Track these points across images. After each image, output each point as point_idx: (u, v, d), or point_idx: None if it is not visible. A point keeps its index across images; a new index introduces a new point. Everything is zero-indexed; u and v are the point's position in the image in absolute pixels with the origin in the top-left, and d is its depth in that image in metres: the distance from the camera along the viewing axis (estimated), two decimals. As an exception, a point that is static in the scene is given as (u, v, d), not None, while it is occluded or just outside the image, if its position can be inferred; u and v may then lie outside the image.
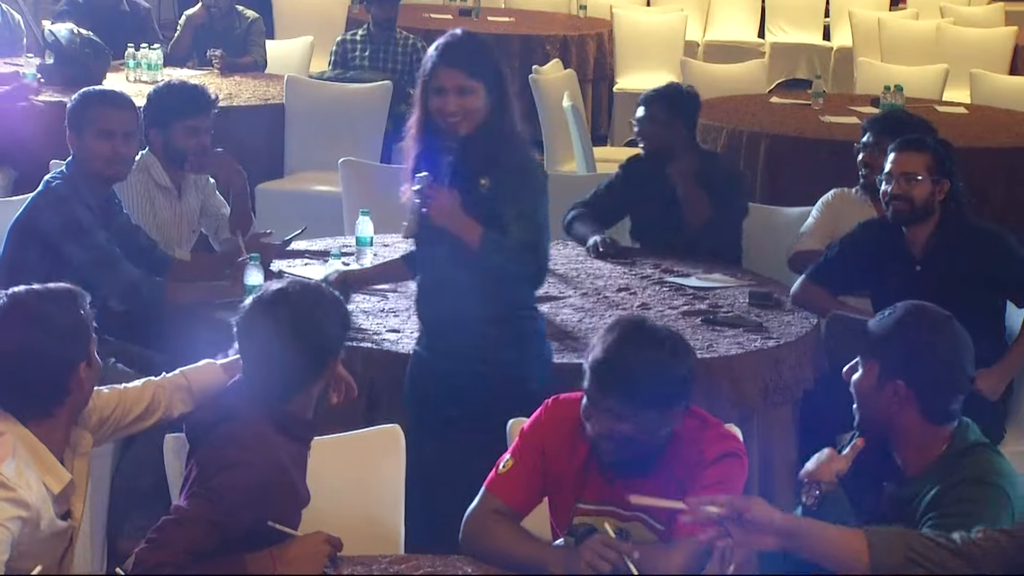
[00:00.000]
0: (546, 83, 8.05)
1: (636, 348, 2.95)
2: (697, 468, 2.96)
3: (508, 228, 3.66)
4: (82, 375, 2.94)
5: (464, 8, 11.33)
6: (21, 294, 2.94)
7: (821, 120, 7.56)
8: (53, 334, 2.89)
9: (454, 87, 3.71)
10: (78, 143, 4.38)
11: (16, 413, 2.89)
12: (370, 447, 3.40)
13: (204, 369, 3.24)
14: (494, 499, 3.06)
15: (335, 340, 3.05)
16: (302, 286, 3.07)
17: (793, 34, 12.36)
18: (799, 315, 4.57)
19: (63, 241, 4.25)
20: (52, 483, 2.87)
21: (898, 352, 2.96)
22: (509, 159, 3.72)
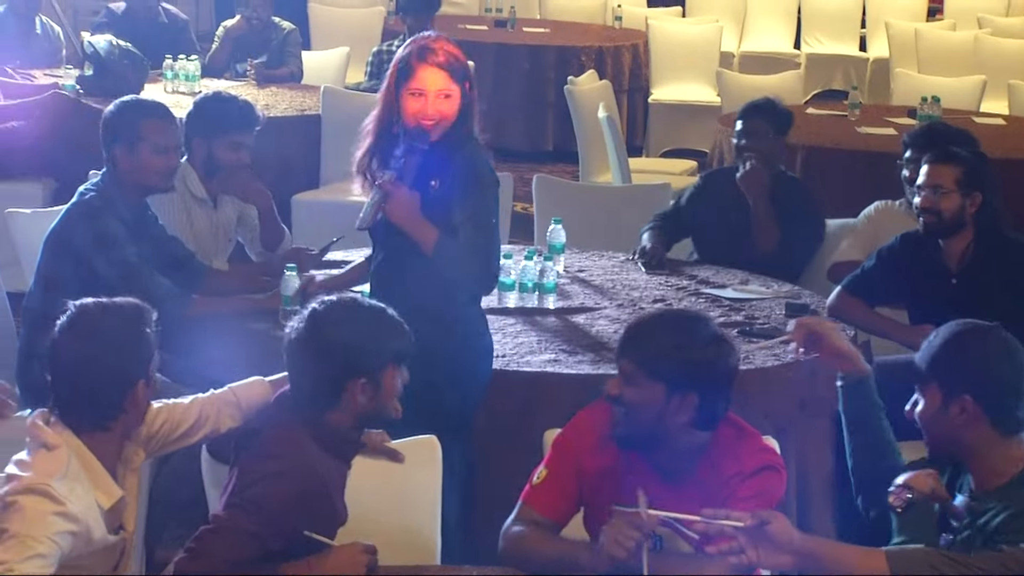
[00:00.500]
0: (581, 94, 8.05)
1: (668, 320, 3.02)
2: (735, 480, 2.95)
3: (458, 231, 3.69)
4: (139, 393, 2.93)
5: (500, 19, 11.36)
6: (88, 306, 2.94)
7: (857, 131, 7.54)
8: (115, 349, 2.89)
9: (435, 91, 3.71)
10: (128, 156, 4.35)
11: (72, 425, 2.90)
12: (407, 457, 3.40)
13: (252, 385, 3.23)
14: (531, 511, 3.06)
15: (360, 356, 2.98)
16: (349, 301, 3.06)
17: (829, 45, 12.33)
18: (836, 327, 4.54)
19: (93, 254, 4.26)
20: (103, 499, 2.87)
21: (958, 368, 2.92)
22: (462, 162, 3.74)
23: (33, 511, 2.73)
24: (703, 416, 2.96)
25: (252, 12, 8.44)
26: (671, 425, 2.94)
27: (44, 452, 2.84)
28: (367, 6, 11.43)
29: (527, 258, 4.63)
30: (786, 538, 2.63)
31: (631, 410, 2.96)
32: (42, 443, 2.86)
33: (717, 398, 2.97)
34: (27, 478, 2.78)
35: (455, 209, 3.70)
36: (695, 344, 2.94)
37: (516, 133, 10.34)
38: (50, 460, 2.82)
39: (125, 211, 4.37)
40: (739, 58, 11.99)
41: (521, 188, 8.18)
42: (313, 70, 8.66)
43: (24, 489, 2.76)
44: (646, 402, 2.93)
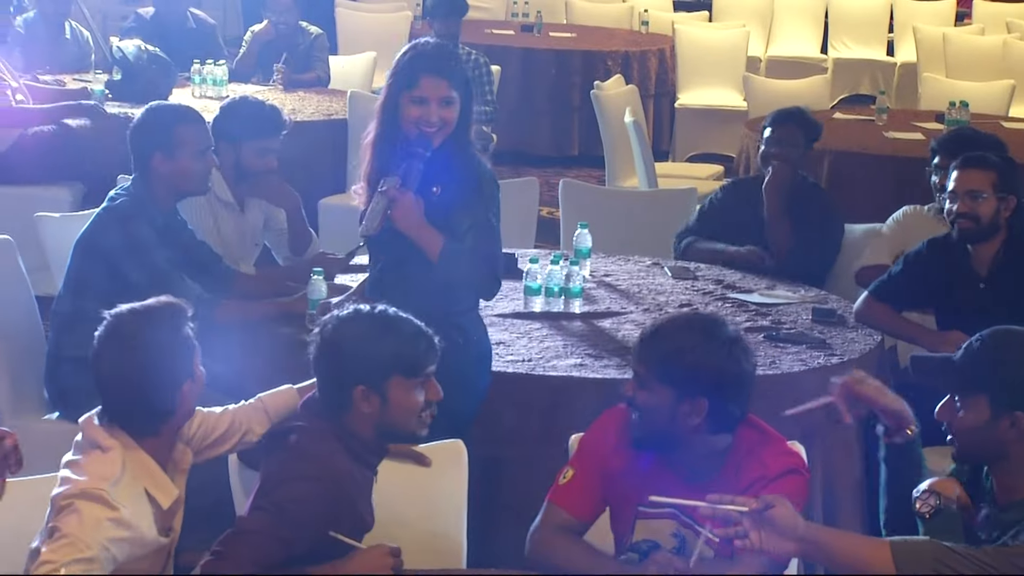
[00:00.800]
0: (608, 99, 8.05)
1: (681, 324, 3.01)
2: (758, 483, 2.95)
3: (463, 238, 3.69)
4: (187, 392, 2.95)
5: (526, 24, 11.36)
6: (124, 316, 2.94)
7: (885, 136, 7.52)
8: (158, 355, 2.90)
9: (437, 97, 3.72)
10: (168, 162, 4.35)
11: (128, 430, 2.91)
12: (434, 461, 3.41)
13: (281, 394, 3.23)
14: (557, 510, 3.07)
15: (356, 363, 2.98)
16: (371, 309, 3.06)
17: (856, 50, 12.29)
18: (863, 332, 4.54)
19: (124, 259, 4.28)
20: (162, 498, 2.89)
21: (1012, 381, 2.86)
22: (463, 167, 3.73)
23: (88, 516, 2.74)
24: (715, 421, 2.96)
25: (279, 17, 8.46)
26: (683, 428, 2.95)
27: (98, 454, 2.86)
28: (394, 11, 11.45)
29: (553, 262, 4.63)
30: (790, 524, 2.62)
31: (644, 413, 2.98)
32: (96, 444, 2.87)
33: (728, 403, 2.96)
34: (82, 482, 2.79)
35: (459, 215, 3.70)
36: (705, 349, 2.94)
37: (542, 138, 10.35)
38: (104, 463, 2.84)
39: (157, 216, 4.39)
40: (766, 63, 11.96)
41: (547, 193, 8.18)
42: (340, 75, 8.69)
43: (80, 493, 2.77)
44: (657, 405, 2.95)
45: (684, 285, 4.96)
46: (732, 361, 2.95)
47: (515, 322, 4.44)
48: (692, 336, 2.96)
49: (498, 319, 4.45)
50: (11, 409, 4.39)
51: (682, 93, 10.51)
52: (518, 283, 4.69)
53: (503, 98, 9.14)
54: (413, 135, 3.72)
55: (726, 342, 2.96)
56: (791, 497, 2.96)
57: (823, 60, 12.08)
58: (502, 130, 9.04)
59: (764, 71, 11.51)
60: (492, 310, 4.53)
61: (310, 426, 3.00)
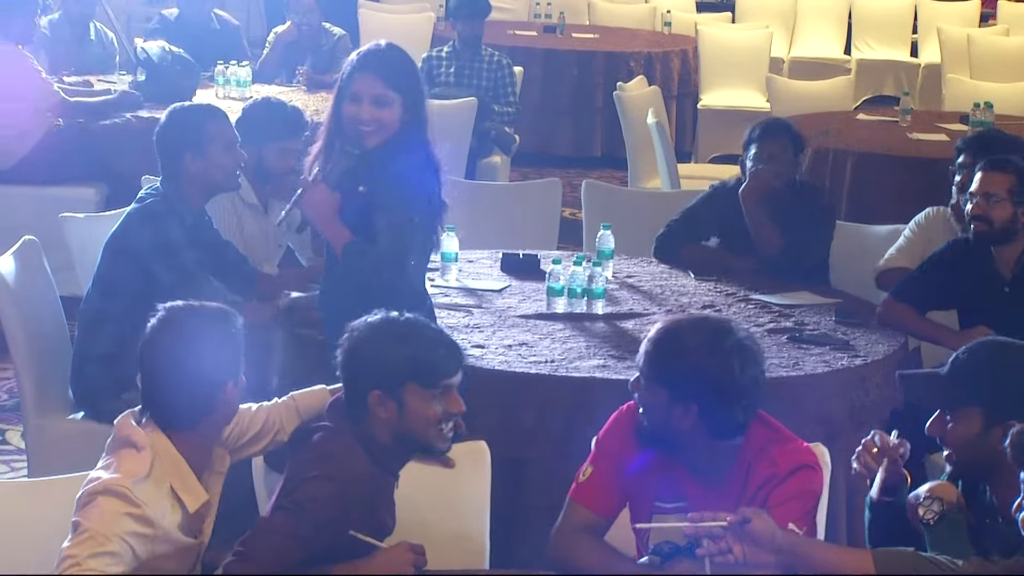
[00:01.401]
0: (630, 100, 8.05)
1: (684, 327, 3.01)
2: (771, 482, 2.96)
3: (378, 237, 3.68)
4: (229, 393, 2.97)
5: (549, 25, 11.36)
6: (177, 310, 2.99)
7: (909, 137, 7.49)
8: (205, 352, 2.93)
9: (370, 96, 3.70)
10: (199, 160, 4.37)
11: (163, 424, 2.93)
12: (456, 461, 3.41)
13: (314, 393, 3.24)
14: (578, 508, 3.09)
15: (370, 367, 2.98)
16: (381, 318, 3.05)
17: (880, 50, 12.26)
18: (886, 333, 4.53)
19: (153, 259, 4.30)
20: (189, 501, 2.91)
21: (1005, 393, 2.87)
22: (393, 172, 3.69)
23: (107, 510, 2.77)
24: (709, 425, 2.95)
25: (302, 18, 8.48)
26: (678, 430, 2.96)
27: (130, 452, 2.88)
28: (417, 12, 11.47)
29: (576, 264, 4.64)
30: (767, 536, 2.64)
31: (643, 409, 3.01)
32: (130, 442, 2.89)
33: (721, 411, 2.95)
34: (108, 479, 2.82)
35: (377, 214, 3.68)
36: (699, 355, 2.94)
37: (565, 139, 10.36)
38: (135, 461, 2.86)
39: (186, 216, 4.41)
40: (789, 63, 11.94)
41: (570, 194, 8.18)
42: (363, 76, 8.68)
43: (103, 489, 2.79)
44: (653, 405, 2.98)
45: (707, 286, 4.95)
46: (725, 370, 2.93)
47: (538, 323, 4.44)
48: (691, 341, 2.96)
49: (521, 320, 4.46)
50: (36, 409, 4.42)
51: (705, 94, 10.50)
52: (541, 284, 4.70)
53: (526, 99, 9.15)
54: (348, 133, 3.71)
55: (725, 350, 2.95)
56: (805, 492, 2.97)
57: (846, 61, 12.06)
58: (525, 131, 9.05)
59: (787, 72, 11.49)
60: (515, 311, 4.53)
61: (334, 427, 3.00)
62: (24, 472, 4.86)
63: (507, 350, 4.17)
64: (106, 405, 4.25)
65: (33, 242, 4.63)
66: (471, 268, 4.99)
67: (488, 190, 6.57)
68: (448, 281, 4.79)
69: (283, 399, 3.23)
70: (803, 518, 2.95)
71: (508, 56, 8.60)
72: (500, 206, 6.10)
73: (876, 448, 3.01)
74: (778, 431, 3.06)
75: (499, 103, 8.34)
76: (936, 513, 2.87)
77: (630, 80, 8.84)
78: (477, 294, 4.72)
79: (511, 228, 5.84)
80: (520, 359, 4.10)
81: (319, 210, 3.70)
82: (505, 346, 4.21)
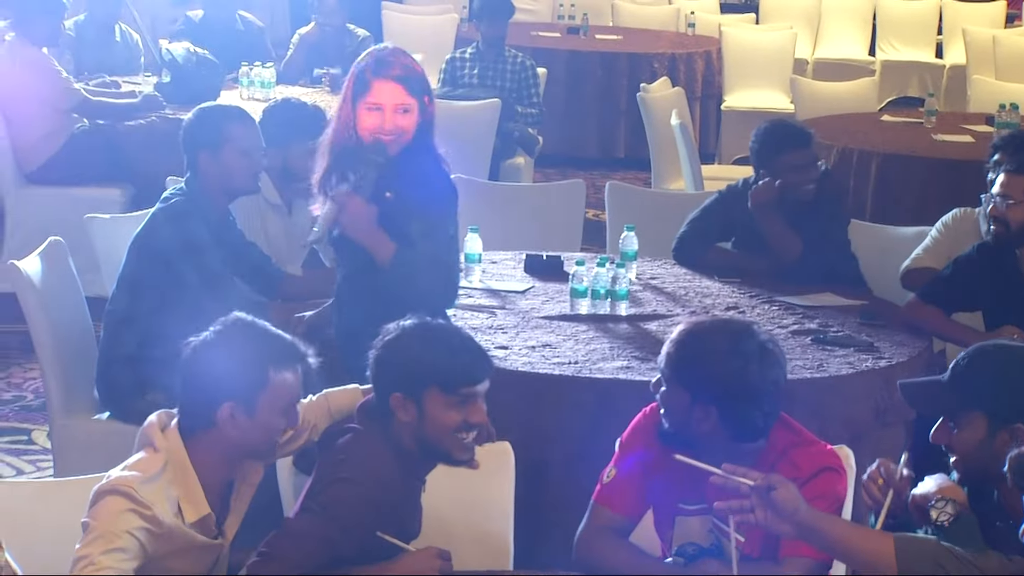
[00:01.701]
0: (654, 101, 8.04)
1: (707, 329, 3.02)
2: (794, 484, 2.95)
3: (416, 244, 3.64)
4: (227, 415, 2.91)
5: (572, 26, 11.36)
6: (239, 318, 2.98)
7: (933, 139, 7.47)
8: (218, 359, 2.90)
9: (392, 104, 3.67)
10: (213, 160, 4.38)
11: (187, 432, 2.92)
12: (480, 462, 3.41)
13: (346, 392, 3.23)
14: (603, 510, 3.09)
15: (394, 370, 2.98)
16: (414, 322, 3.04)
17: (905, 52, 12.22)
18: (911, 335, 4.51)
19: (179, 259, 4.31)
20: (189, 512, 2.90)
21: (1009, 397, 2.86)
22: (419, 175, 3.68)
23: (113, 508, 2.78)
24: (729, 427, 2.96)
25: (326, 19, 8.49)
26: (699, 432, 2.96)
27: (150, 452, 2.90)
28: (440, 13, 11.48)
29: (599, 265, 4.63)
30: (791, 507, 2.62)
31: (664, 409, 3.02)
32: (150, 443, 2.91)
33: (741, 412, 2.95)
34: (116, 477, 2.83)
35: (413, 222, 3.65)
36: (719, 359, 2.95)
37: (588, 140, 10.36)
38: (147, 462, 2.87)
39: (211, 215, 4.42)
40: (813, 65, 11.91)
41: (593, 195, 8.18)
42: (387, 77, 8.69)
43: (110, 488, 2.81)
44: (674, 407, 2.99)
45: (731, 288, 4.94)
46: (745, 373, 2.94)
47: (561, 324, 4.44)
48: (713, 344, 2.97)
49: (544, 321, 4.46)
50: (62, 409, 4.44)
51: (728, 95, 10.49)
52: (564, 285, 4.70)
53: (549, 101, 9.15)
54: (369, 142, 3.67)
55: (746, 353, 2.96)
56: (829, 495, 2.96)
57: (871, 62, 12.02)
58: (548, 133, 9.04)
59: (811, 73, 11.46)
60: (539, 312, 4.53)
61: (363, 430, 3.00)
62: (50, 472, 4.88)
63: (530, 351, 4.18)
64: (131, 405, 4.27)
65: (59, 243, 4.65)
66: (494, 269, 4.99)
67: (512, 191, 6.58)
68: (471, 282, 4.79)
69: (316, 397, 3.21)
70: None
71: (532, 57, 8.60)
72: (524, 207, 6.10)
73: (882, 480, 2.98)
74: (800, 434, 3.05)
75: (523, 104, 8.34)
76: (950, 515, 2.84)
77: (654, 81, 8.84)
78: (500, 295, 4.72)
79: (535, 229, 5.85)
80: (544, 360, 4.10)
81: (359, 224, 3.64)
82: (528, 347, 4.21)
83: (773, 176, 5.07)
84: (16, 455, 5.33)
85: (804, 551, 2.92)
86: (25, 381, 6.00)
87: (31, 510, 3.09)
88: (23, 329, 4.64)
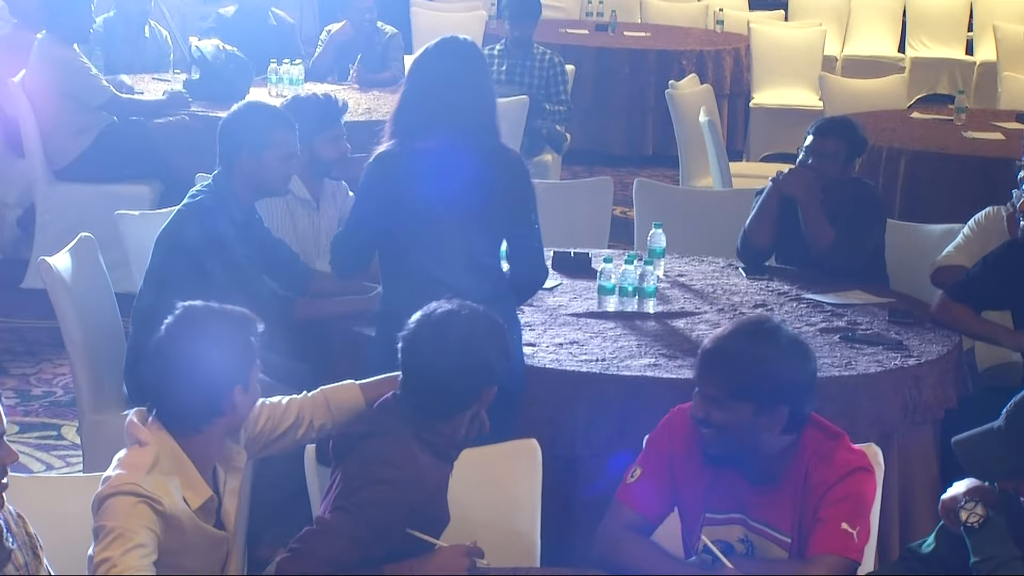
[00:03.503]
0: (682, 98, 8.03)
1: (744, 338, 2.98)
2: (824, 483, 2.96)
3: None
4: (236, 398, 2.97)
5: (601, 23, 11.35)
6: (196, 308, 3.00)
7: (964, 136, 7.43)
8: (215, 352, 2.94)
9: None
10: (253, 161, 4.37)
11: (168, 424, 2.95)
12: (508, 460, 3.42)
13: (344, 388, 3.26)
14: (625, 509, 3.08)
15: (495, 368, 3.05)
16: (470, 310, 3.07)
17: (935, 48, 12.16)
18: (940, 333, 4.49)
19: (205, 255, 4.32)
20: (192, 498, 2.92)
21: None
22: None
23: (123, 506, 2.79)
24: (792, 423, 2.98)
25: (356, 16, 8.49)
26: (763, 439, 2.95)
27: (136, 449, 2.91)
28: (468, 11, 11.49)
29: (627, 262, 4.63)
30: None
31: (721, 430, 2.97)
32: (136, 440, 2.93)
33: (805, 403, 2.98)
34: (117, 477, 2.84)
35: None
36: (775, 358, 2.94)
37: (617, 137, 10.35)
38: (140, 456, 2.89)
39: (237, 212, 4.42)
40: (842, 62, 11.87)
41: (621, 192, 8.18)
42: (415, 74, 8.70)
43: (114, 491, 2.82)
44: (737, 423, 2.94)
45: (759, 285, 4.93)
46: (802, 363, 2.97)
47: (589, 321, 4.44)
48: (758, 348, 2.95)
49: (572, 318, 4.46)
50: (92, 404, 4.46)
51: (757, 92, 10.46)
52: (592, 282, 4.69)
53: (577, 98, 9.14)
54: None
55: (790, 346, 2.97)
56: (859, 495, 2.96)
57: (900, 59, 11.97)
58: (576, 130, 9.04)
59: (840, 70, 11.42)
60: (566, 309, 4.53)
61: (393, 428, 3.00)
62: (79, 467, 4.91)
63: (558, 348, 4.18)
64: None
65: (89, 239, 4.67)
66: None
67: (540, 188, 6.51)
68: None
69: (313, 393, 3.25)
70: (855, 519, 2.94)
71: (560, 55, 8.60)
72: (552, 204, 6.06)
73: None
74: (828, 429, 3.05)
75: (551, 101, 8.34)
76: (980, 516, 2.81)
77: (682, 78, 8.82)
78: (528, 292, 4.71)
79: (563, 226, 5.83)
80: (571, 357, 4.10)
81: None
82: (556, 344, 4.21)
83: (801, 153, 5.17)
84: (46, 450, 5.36)
85: (833, 547, 2.91)
86: (55, 377, 6.04)
87: (60, 506, 3.11)
88: (53, 325, 4.67)
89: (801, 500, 2.97)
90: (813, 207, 5.04)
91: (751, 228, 5.16)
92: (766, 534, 3.01)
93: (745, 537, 3.03)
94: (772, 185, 5.17)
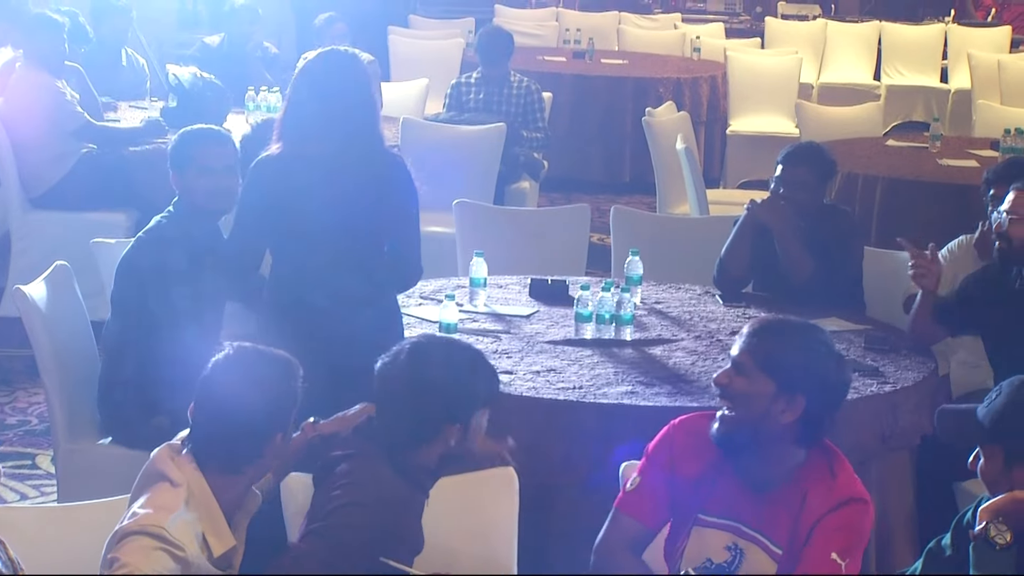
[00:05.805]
0: (659, 125, 8.05)
1: (794, 323, 3.07)
2: (822, 507, 2.97)
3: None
4: (278, 443, 2.97)
5: (578, 51, 11.39)
6: (244, 351, 3.00)
7: (939, 163, 7.47)
8: (265, 396, 2.94)
9: None
10: (180, 181, 4.39)
11: (203, 463, 2.93)
12: (485, 487, 3.41)
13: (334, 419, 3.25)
14: (623, 518, 3.10)
15: (469, 398, 3.07)
16: (446, 341, 3.12)
17: (910, 76, 12.25)
18: (916, 360, 4.50)
19: (158, 285, 4.29)
20: (216, 545, 2.90)
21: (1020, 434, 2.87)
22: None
23: (144, 547, 2.77)
24: (806, 424, 2.99)
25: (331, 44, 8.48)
26: (771, 427, 2.95)
27: (165, 487, 2.88)
28: (446, 38, 11.51)
29: (604, 289, 4.63)
30: None
31: (738, 402, 2.99)
32: (165, 477, 2.89)
33: (824, 409, 3.01)
34: (144, 516, 2.81)
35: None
36: (815, 349, 3.00)
37: (594, 164, 10.37)
38: (171, 496, 2.86)
39: (198, 235, 4.40)
40: (818, 89, 11.94)
41: (598, 219, 8.19)
42: (392, 101, 8.73)
43: (139, 529, 2.79)
44: (754, 395, 2.97)
45: (736, 312, 4.94)
46: (836, 367, 3.02)
47: (566, 349, 4.44)
48: (802, 335, 3.03)
49: (549, 346, 4.46)
50: (67, 433, 4.43)
51: (734, 120, 10.50)
52: (569, 310, 4.70)
53: (555, 125, 9.16)
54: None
55: (831, 349, 3.04)
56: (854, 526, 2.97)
57: (876, 87, 12.05)
58: (553, 157, 9.05)
59: (816, 98, 11.49)
60: (543, 336, 4.53)
61: (363, 452, 3.01)
62: (54, 497, 4.88)
63: (535, 376, 4.17)
64: (135, 430, 4.26)
65: (64, 267, 4.65)
66: (499, 293, 4.99)
67: (517, 215, 6.58)
68: (476, 306, 4.79)
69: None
70: (847, 552, 2.94)
71: (537, 82, 8.62)
72: (529, 231, 6.10)
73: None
74: (836, 455, 3.07)
75: (528, 129, 8.35)
76: (1006, 542, 2.82)
77: (659, 106, 8.85)
78: (505, 319, 4.72)
79: (539, 253, 5.84)
80: (548, 385, 4.10)
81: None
82: (533, 372, 4.21)
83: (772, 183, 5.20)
84: (20, 480, 5.33)
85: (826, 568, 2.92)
86: (30, 406, 6.00)
87: (35, 535, 3.08)
88: (28, 353, 4.64)
89: (796, 517, 2.97)
90: (788, 236, 5.04)
91: (727, 256, 5.17)
92: (759, 542, 3.01)
93: (733, 545, 3.03)
94: (747, 213, 5.17)
